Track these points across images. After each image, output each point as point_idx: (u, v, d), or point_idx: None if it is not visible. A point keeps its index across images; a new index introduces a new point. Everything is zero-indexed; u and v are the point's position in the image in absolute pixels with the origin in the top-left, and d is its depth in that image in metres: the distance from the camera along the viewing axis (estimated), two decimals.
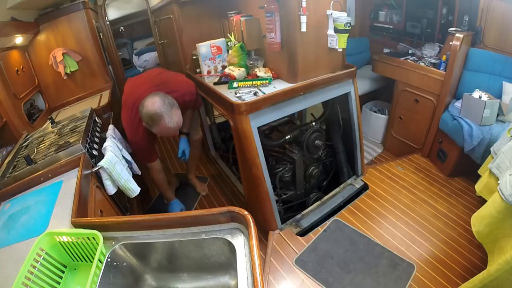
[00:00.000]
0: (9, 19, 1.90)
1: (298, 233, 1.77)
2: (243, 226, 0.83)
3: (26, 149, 1.64)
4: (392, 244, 1.63)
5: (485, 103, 1.76)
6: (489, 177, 1.48)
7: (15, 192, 1.26)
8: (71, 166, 1.33)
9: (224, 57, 2.01)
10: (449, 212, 1.81)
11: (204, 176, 2.54)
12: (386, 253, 1.58)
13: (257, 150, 1.57)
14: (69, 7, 2.35)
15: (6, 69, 1.85)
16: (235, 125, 1.55)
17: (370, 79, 2.82)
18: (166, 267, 0.95)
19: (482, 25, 1.98)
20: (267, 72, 1.77)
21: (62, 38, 2.36)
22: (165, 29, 2.64)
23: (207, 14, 2.20)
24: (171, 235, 0.88)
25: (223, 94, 1.62)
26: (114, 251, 0.87)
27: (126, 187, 1.52)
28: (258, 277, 0.66)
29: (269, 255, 1.64)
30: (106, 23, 3.13)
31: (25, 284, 0.74)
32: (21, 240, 0.98)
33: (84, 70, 2.48)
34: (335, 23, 1.51)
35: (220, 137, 2.76)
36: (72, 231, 0.88)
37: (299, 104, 1.66)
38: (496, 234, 1.29)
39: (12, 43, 1.99)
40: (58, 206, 1.11)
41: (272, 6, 1.51)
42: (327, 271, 1.53)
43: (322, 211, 1.91)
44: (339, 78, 1.74)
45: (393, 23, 2.78)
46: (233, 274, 0.89)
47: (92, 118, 1.87)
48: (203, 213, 0.84)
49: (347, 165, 2.16)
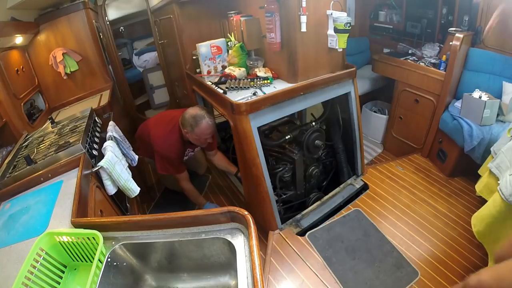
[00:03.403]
0: (9, 19, 1.90)
1: (298, 233, 1.77)
2: (243, 226, 0.83)
3: (26, 149, 1.64)
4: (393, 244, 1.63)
5: (485, 103, 1.76)
6: (489, 177, 1.48)
7: (15, 192, 1.26)
8: (71, 166, 1.33)
9: (224, 57, 2.01)
10: (449, 212, 1.81)
11: (204, 175, 2.54)
12: (394, 253, 1.58)
13: (257, 150, 1.57)
14: (69, 7, 2.35)
15: (6, 69, 1.85)
16: (235, 125, 1.55)
17: (370, 79, 2.82)
18: (166, 267, 0.95)
19: (482, 25, 1.98)
20: (267, 72, 1.77)
21: (62, 38, 2.36)
22: (165, 29, 2.64)
23: (207, 14, 2.20)
24: (171, 235, 0.88)
25: (223, 94, 1.63)
26: (114, 251, 0.87)
27: (126, 187, 1.52)
28: (258, 277, 0.66)
29: (269, 255, 1.64)
30: (106, 23, 3.12)
31: (25, 284, 0.74)
32: (21, 240, 0.98)
33: (84, 70, 2.48)
34: (335, 23, 1.51)
35: (220, 137, 2.76)
36: (72, 231, 0.88)
37: (299, 104, 1.66)
38: (496, 234, 1.29)
39: (12, 43, 1.99)
40: (58, 206, 1.11)
41: (272, 6, 1.51)
42: (333, 251, 1.61)
43: (322, 211, 1.91)
44: (339, 78, 1.74)
45: (393, 23, 2.78)
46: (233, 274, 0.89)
47: (92, 118, 1.87)
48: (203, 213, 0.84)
49: (347, 165, 2.16)
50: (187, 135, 1.77)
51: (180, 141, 1.85)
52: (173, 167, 1.89)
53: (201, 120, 1.69)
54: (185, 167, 1.99)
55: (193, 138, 1.78)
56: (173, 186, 2.30)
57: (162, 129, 1.88)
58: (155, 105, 4.10)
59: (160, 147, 1.84)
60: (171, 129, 1.84)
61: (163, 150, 1.83)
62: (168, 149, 1.83)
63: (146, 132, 1.95)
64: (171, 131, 1.84)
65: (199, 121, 1.69)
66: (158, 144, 1.84)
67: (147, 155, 2.14)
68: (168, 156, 1.84)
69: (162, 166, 1.88)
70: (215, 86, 1.81)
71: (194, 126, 1.70)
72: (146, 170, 2.72)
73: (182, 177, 1.96)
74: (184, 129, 1.76)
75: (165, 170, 1.88)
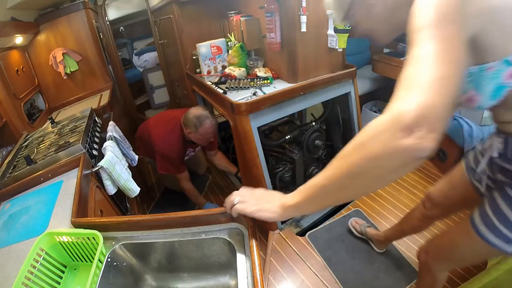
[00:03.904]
0: (9, 19, 1.90)
1: (298, 233, 1.77)
2: (243, 226, 0.83)
3: (26, 149, 1.64)
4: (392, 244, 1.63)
5: None
6: None
7: (15, 192, 1.26)
8: (71, 166, 1.33)
9: (224, 57, 2.01)
10: None
11: (204, 175, 2.54)
12: (394, 253, 1.58)
13: (257, 150, 1.57)
14: (69, 7, 2.35)
15: (6, 69, 1.85)
16: (235, 125, 1.55)
17: (370, 79, 2.82)
18: (166, 267, 0.95)
19: None
20: (267, 72, 1.77)
21: (62, 38, 2.36)
22: (165, 29, 2.64)
23: (207, 14, 2.20)
24: (171, 235, 0.88)
25: (223, 94, 1.62)
26: (114, 251, 0.87)
27: (126, 187, 1.52)
28: (258, 277, 0.66)
29: (269, 255, 1.64)
30: (106, 23, 3.13)
31: (25, 284, 0.74)
32: (21, 240, 0.98)
33: (84, 70, 2.48)
34: (335, 23, 1.51)
35: (220, 137, 2.76)
36: (72, 231, 0.88)
37: (299, 104, 1.66)
38: None
39: (12, 43, 1.99)
40: (58, 206, 1.11)
41: (272, 6, 1.51)
42: (333, 251, 1.61)
43: (322, 211, 1.91)
44: (339, 78, 1.74)
45: None
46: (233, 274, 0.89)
47: (92, 118, 1.87)
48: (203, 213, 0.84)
49: None
50: (190, 135, 1.78)
51: (181, 141, 1.85)
52: (174, 166, 1.89)
53: (205, 120, 1.72)
54: (186, 167, 1.99)
55: (196, 138, 1.78)
56: (173, 186, 2.30)
57: (163, 128, 1.88)
58: (155, 105, 4.10)
59: (161, 146, 1.84)
60: (172, 128, 1.85)
61: (163, 149, 1.84)
62: (168, 148, 1.83)
63: (146, 132, 1.95)
64: (172, 131, 1.84)
65: (203, 121, 1.71)
66: (158, 144, 1.84)
67: (147, 155, 2.14)
68: (169, 156, 1.84)
69: (163, 165, 1.88)
70: (215, 86, 1.81)
71: (198, 126, 1.72)
72: (146, 170, 2.72)
73: (182, 176, 1.96)
74: (187, 129, 1.76)
75: (165, 170, 1.89)
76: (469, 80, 0.62)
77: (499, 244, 0.73)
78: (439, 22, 0.46)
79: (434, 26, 0.46)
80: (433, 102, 0.40)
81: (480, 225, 0.77)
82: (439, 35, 0.45)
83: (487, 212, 0.75)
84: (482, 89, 0.61)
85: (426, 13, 0.48)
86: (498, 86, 0.60)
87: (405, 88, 0.44)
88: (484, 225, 0.76)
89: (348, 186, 0.48)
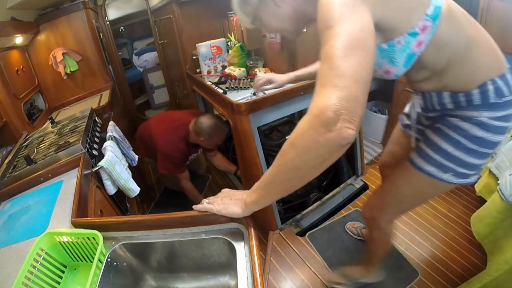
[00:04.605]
0: (9, 19, 1.90)
1: (298, 233, 1.77)
2: (243, 226, 0.83)
3: (26, 149, 1.64)
4: None
5: None
6: (488, 177, 1.48)
7: (15, 192, 1.26)
8: (71, 166, 1.33)
9: (224, 57, 2.01)
10: (449, 212, 1.81)
11: (204, 175, 2.54)
12: (394, 253, 1.58)
13: (257, 150, 1.57)
14: (69, 7, 2.35)
15: (6, 69, 1.85)
16: (235, 125, 1.55)
17: None
18: (166, 267, 0.95)
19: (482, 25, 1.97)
20: (267, 72, 1.77)
21: (62, 38, 2.36)
22: (165, 29, 2.64)
23: (207, 14, 2.20)
24: (171, 235, 0.88)
25: (223, 94, 1.63)
26: (114, 251, 0.87)
27: (126, 187, 1.52)
28: (258, 277, 0.66)
29: (269, 255, 1.64)
30: (106, 23, 3.12)
31: (25, 284, 0.74)
32: (21, 240, 0.98)
33: (84, 70, 2.48)
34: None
35: None
36: (72, 231, 0.88)
37: (299, 104, 1.66)
38: (495, 234, 1.29)
39: (12, 43, 1.99)
40: (58, 206, 1.11)
41: None
42: (333, 251, 1.61)
43: (322, 211, 1.91)
44: None
45: None
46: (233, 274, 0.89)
47: (92, 118, 1.87)
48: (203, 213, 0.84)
49: (347, 165, 2.16)
50: (202, 142, 1.81)
51: (183, 142, 1.86)
52: (175, 166, 1.90)
53: (220, 129, 1.78)
54: (186, 167, 1.99)
55: (206, 144, 1.82)
56: (173, 186, 2.30)
57: (165, 128, 1.89)
58: (155, 105, 4.10)
59: (163, 145, 1.84)
60: (175, 129, 1.85)
61: (165, 148, 1.84)
62: (170, 148, 1.84)
63: (147, 132, 1.95)
64: (174, 132, 1.85)
65: (218, 131, 1.77)
66: (160, 143, 1.85)
67: (147, 155, 2.14)
68: (171, 155, 1.85)
69: (164, 165, 1.88)
70: (215, 86, 1.81)
71: (213, 135, 1.77)
72: (146, 170, 2.72)
73: (183, 176, 1.97)
74: (200, 137, 1.78)
75: (166, 169, 1.89)
76: (382, 56, 0.70)
77: (436, 172, 0.80)
78: (340, 18, 0.51)
79: (336, 22, 0.51)
80: (346, 94, 0.45)
81: (416, 158, 0.85)
82: (342, 31, 0.50)
83: (422, 147, 0.84)
84: (396, 61, 0.70)
85: (328, 11, 0.53)
86: (409, 55, 0.69)
87: (320, 86, 0.49)
88: (420, 158, 0.84)
89: (291, 178, 0.56)
